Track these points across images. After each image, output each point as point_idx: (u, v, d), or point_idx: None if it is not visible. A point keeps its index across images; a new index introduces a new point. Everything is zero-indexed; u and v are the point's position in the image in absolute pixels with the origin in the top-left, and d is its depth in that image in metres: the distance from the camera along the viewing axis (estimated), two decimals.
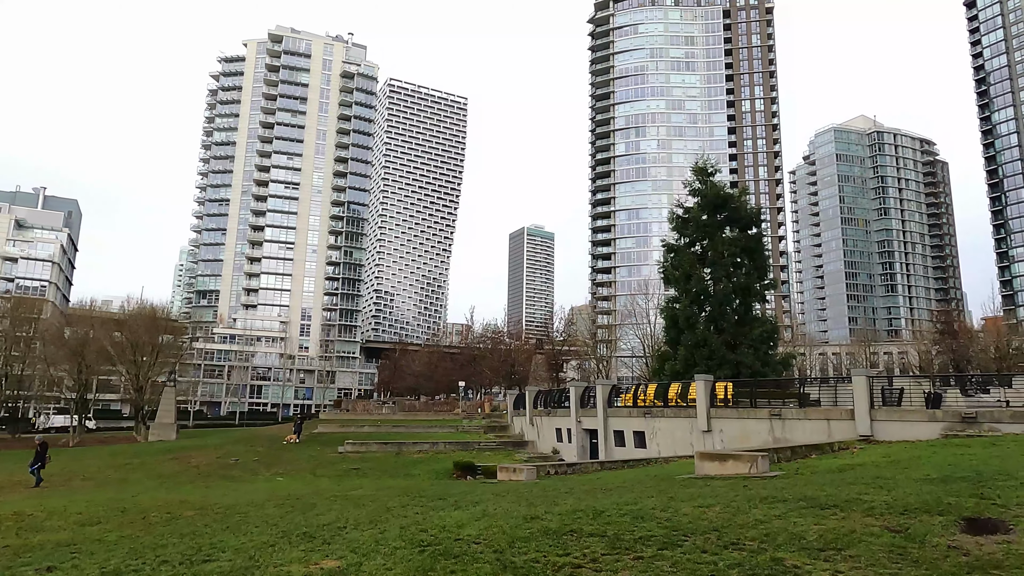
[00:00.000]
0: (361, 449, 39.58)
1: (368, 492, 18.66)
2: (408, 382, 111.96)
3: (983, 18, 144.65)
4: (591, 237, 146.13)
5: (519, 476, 20.92)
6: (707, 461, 14.05)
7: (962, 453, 14.35)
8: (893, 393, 29.81)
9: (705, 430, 29.41)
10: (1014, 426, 20.96)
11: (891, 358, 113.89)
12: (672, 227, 42.08)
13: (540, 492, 13.51)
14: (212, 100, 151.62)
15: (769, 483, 11.16)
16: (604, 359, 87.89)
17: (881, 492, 8.51)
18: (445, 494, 15.73)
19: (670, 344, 40.77)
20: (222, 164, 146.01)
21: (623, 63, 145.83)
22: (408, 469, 34.51)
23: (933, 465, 12.21)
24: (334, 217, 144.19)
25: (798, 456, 17.93)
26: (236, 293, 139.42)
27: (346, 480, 30.67)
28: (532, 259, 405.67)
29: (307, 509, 13.65)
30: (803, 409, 26.32)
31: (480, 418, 55.95)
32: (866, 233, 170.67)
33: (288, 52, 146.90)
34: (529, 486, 17.08)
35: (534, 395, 43.80)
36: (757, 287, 39.84)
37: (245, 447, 41.29)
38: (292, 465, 34.64)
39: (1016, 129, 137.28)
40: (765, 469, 13.47)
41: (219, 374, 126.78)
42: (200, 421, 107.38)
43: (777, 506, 8.02)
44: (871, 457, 15.65)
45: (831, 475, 12.29)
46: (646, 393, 34.53)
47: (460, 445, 41.13)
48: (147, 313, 67.73)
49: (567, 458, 38.20)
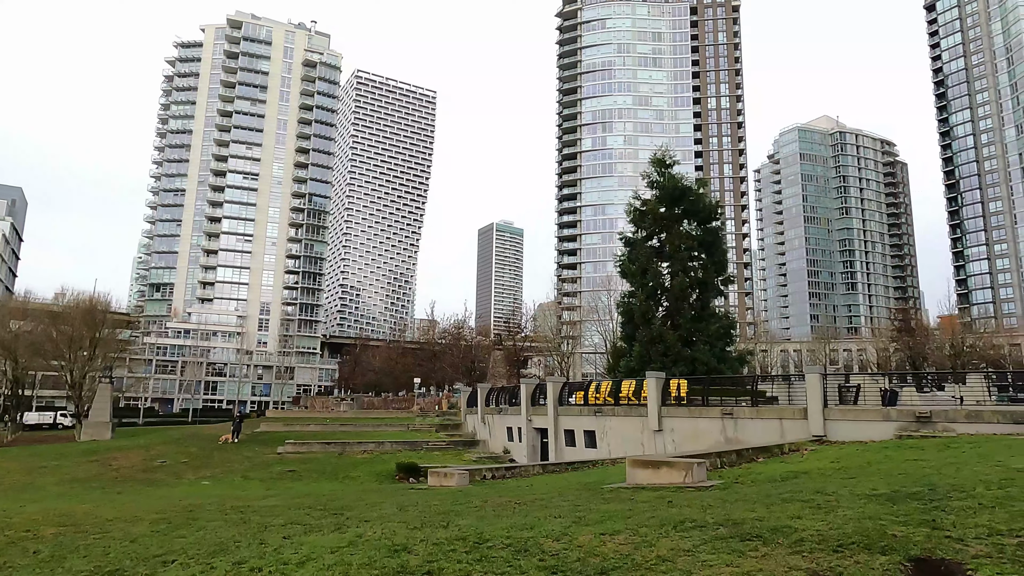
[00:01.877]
0: (302, 450, 37.56)
1: (280, 502, 16.86)
2: (369, 378, 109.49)
3: (942, 21, 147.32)
4: (557, 233, 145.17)
5: (450, 481, 19.32)
6: (639, 468, 12.63)
7: (916, 458, 13.20)
8: (850, 391, 29.07)
9: (656, 429, 28.22)
10: (968, 426, 20.10)
11: (850, 355, 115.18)
12: (629, 220, 40.91)
13: (450, 505, 11.96)
14: (167, 87, 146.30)
15: (699, 497, 9.76)
16: (566, 356, 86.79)
17: (819, 515, 7.12)
18: (354, 505, 14.09)
19: (626, 340, 39.63)
20: (178, 153, 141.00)
21: (590, 58, 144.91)
22: (348, 471, 32.67)
23: (883, 474, 10.96)
24: (295, 209, 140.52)
25: (744, 460, 16.67)
26: (192, 286, 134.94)
27: (277, 484, 28.73)
28: (501, 255, 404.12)
29: (182, 526, 11.86)
30: (756, 408, 25.24)
31: (435, 416, 54.23)
32: (828, 232, 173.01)
33: (248, 39, 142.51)
34: (453, 494, 15.52)
35: (486, 392, 42.25)
36: (715, 282, 38.92)
37: (179, 447, 38.91)
38: (224, 467, 32.52)
39: (972, 131, 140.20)
40: (701, 478, 12.10)
41: (172, 370, 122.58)
42: (150, 419, 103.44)
43: (692, 535, 6.57)
44: (819, 463, 14.42)
45: (771, 486, 10.95)
46: (600, 391, 33.24)
47: (408, 445, 39.39)
48: (84, 305, 64.19)
49: (518, 458, 36.77)
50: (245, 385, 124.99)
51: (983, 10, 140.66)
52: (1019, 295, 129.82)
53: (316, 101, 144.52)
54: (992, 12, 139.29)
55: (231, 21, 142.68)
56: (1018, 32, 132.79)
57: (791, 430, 23.73)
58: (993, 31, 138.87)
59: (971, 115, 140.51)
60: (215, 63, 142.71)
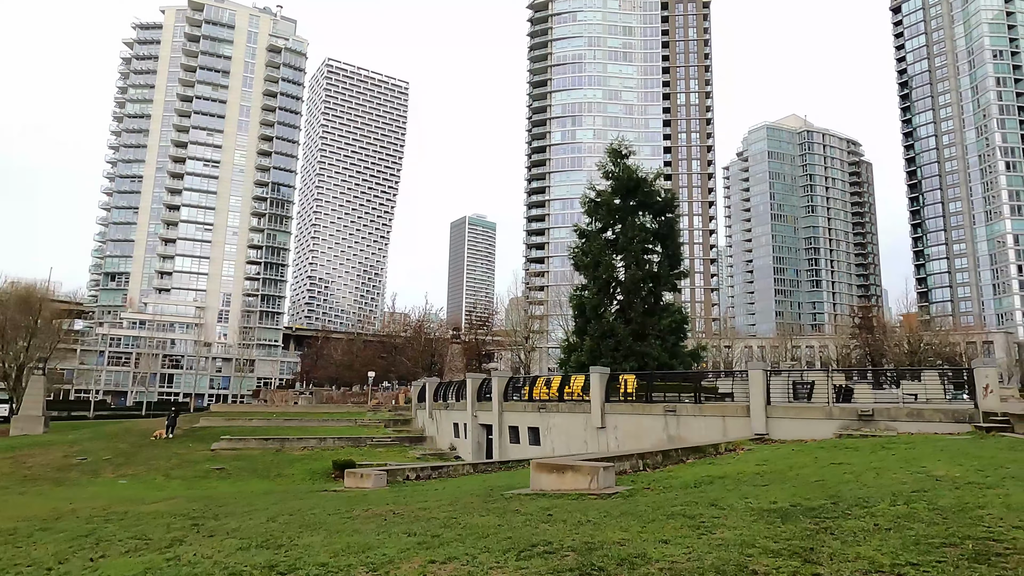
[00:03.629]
0: (238, 446, 35.86)
1: (168, 507, 15.39)
2: (330, 371, 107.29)
3: (907, 24, 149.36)
4: (526, 226, 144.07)
5: (366, 483, 18.01)
6: (544, 473, 11.49)
7: (842, 461, 12.28)
8: (805, 387, 28.40)
9: (599, 427, 27.23)
10: (910, 424, 19.44)
11: (813, 351, 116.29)
12: (583, 211, 39.86)
13: (328, 513, 10.69)
14: (125, 70, 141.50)
15: (588, 509, 8.63)
16: (528, 350, 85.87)
17: (691, 538, 6.04)
18: (235, 512, 12.74)
19: (578, 334, 38.61)
20: (135, 139, 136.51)
21: (561, 50, 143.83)
22: (282, 469, 31.13)
23: (798, 481, 9.97)
24: (258, 198, 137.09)
25: (671, 461, 15.65)
26: (149, 276, 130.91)
27: (199, 483, 27.12)
28: (474, 249, 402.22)
29: (19, 540, 10.46)
30: (699, 405, 24.35)
31: (387, 411, 52.75)
32: (794, 230, 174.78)
33: (209, 22, 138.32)
34: (353, 498, 14.24)
35: (435, 387, 40.92)
36: (669, 275, 38.05)
37: (108, 443, 36.90)
38: (148, 465, 30.74)
39: (934, 132, 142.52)
40: (608, 484, 11.00)
41: (127, 362, 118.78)
42: (102, 412, 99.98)
43: (530, 565, 5.43)
44: (744, 466, 13.46)
45: (677, 494, 9.89)
46: (550, 386, 32.15)
47: (352, 441, 37.90)
48: (19, 293, 61.05)
49: (463, 455, 35.57)
50: (203, 378, 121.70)
51: (947, 13, 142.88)
52: (976, 294, 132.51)
53: (280, 88, 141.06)
54: (955, 15, 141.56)
55: (192, 3, 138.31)
56: (980, 36, 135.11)
57: (734, 428, 22.92)
58: (956, 34, 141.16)
59: (934, 116, 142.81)
60: (175, 46, 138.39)
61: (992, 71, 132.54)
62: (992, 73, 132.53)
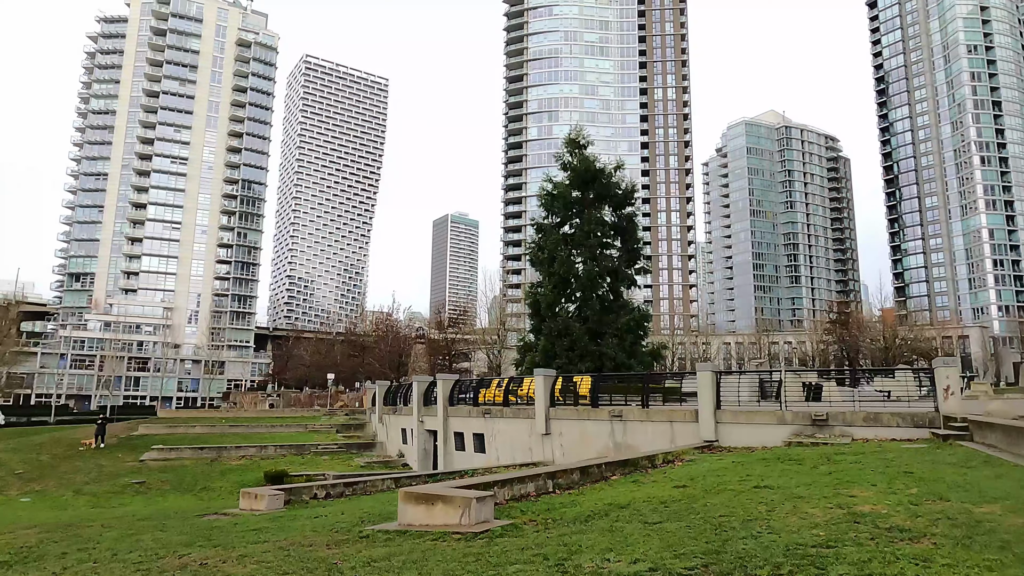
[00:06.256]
0: (170, 456, 33.64)
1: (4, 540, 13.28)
2: (300, 372, 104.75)
3: (883, 18, 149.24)
4: (503, 223, 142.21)
5: (260, 504, 16.00)
6: (411, 505, 9.60)
7: (767, 485, 10.46)
8: (772, 385, 26.80)
9: (544, 433, 25.38)
10: (867, 429, 17.80)
11: (790, 348, 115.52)
12: (540, 204, 38.03)
13: (117, 555, 8.72)
14: (89, 64, 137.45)
15: (430, 558, 6.72)
16: (500, 349, 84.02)
17: None
18: (52, 554, 10.74)
19: (534, 332, 36.80)
20: (100, 135, 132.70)
21: (537, 45, 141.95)
22: (211, 481, 29.04)
23: (698, 519, 8.13)
24: (227, 196, 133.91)
25: (590, 480, 13.81)
26: (114, 276, 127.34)
27: (110, 501, 24.96)
28: (456, 247, 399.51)
29: None
30: (645, 410, 22.56)
31: (343, 415, 50.65)
32: (773, 226, 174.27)
33: (177, 15, 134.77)
34: (244, 522, 12.29)
35: (385, 390, 38.90)
36: (628, 271, 36.32)
37: (28, 454, 34.49)
38: (62, 480, 28.46)
39: (910, 127, 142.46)
40: (483, 518, 9.13)
41: (91, 364, 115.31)
42: (64, 417, 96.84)
43: None
44: (663, 488, 11.64)
45: (551, 535, 8.01)
46: (501, 387, 30.27)
47: (295, 449, 35.82)
48: None
49: (410, 462, 33.65)
50: (171, 380, 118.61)
51: (922, 8, 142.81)
52: (952, 289, 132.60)
53: (251, 83, 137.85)
54: (931, 10, 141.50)
55: None
56: (955, 31, 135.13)
57: (682, 435, 21.19)
58: (931, 29, 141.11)
59: (909, 111, 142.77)
60: (141, 40, 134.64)
61: (967, 66, 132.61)
62: (967, 68, 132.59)
